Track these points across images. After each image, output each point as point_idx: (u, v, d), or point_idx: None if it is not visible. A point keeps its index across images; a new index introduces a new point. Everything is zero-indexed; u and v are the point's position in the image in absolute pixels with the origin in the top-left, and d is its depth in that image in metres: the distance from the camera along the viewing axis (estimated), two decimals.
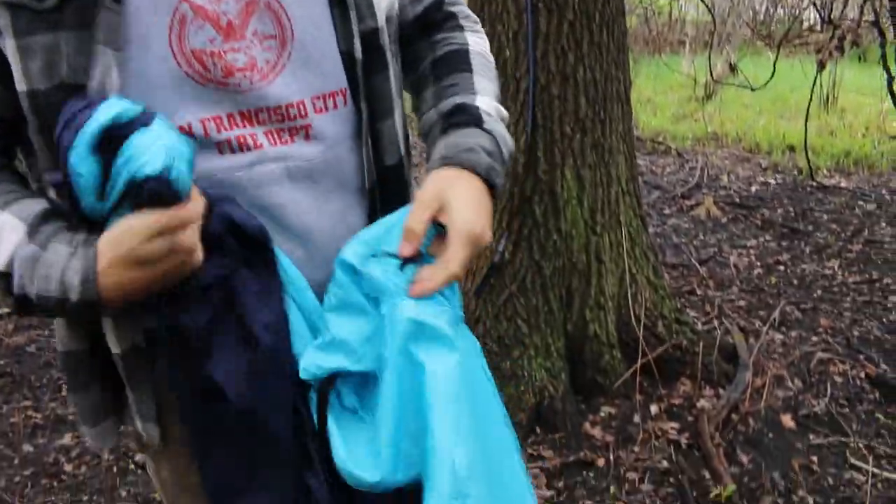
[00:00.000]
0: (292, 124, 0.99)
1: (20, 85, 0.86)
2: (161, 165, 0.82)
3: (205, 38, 0.93)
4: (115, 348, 1.00)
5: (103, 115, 0.82)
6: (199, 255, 0.89)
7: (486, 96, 1.11)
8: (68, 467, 2.60)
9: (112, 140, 0.82)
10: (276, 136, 0.98)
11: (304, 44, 0.99)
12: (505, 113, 1.12)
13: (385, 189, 1.08)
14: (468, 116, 1.06)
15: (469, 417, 0.90)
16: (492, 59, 1.21)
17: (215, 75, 0.94)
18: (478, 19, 1.24)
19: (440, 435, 0.87)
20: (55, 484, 2.52)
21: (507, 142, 1.08)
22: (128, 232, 0.85)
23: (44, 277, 0.86)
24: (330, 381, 0.96)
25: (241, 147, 0.97)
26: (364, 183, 1.07)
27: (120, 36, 0.87)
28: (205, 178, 0.94)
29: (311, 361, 0.96)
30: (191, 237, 0.87)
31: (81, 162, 0.82)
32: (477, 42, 1.20)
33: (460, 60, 1.15)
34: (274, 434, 0.95)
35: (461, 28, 1.20)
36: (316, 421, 0.97)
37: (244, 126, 0.96)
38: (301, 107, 0.99)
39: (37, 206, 0.90)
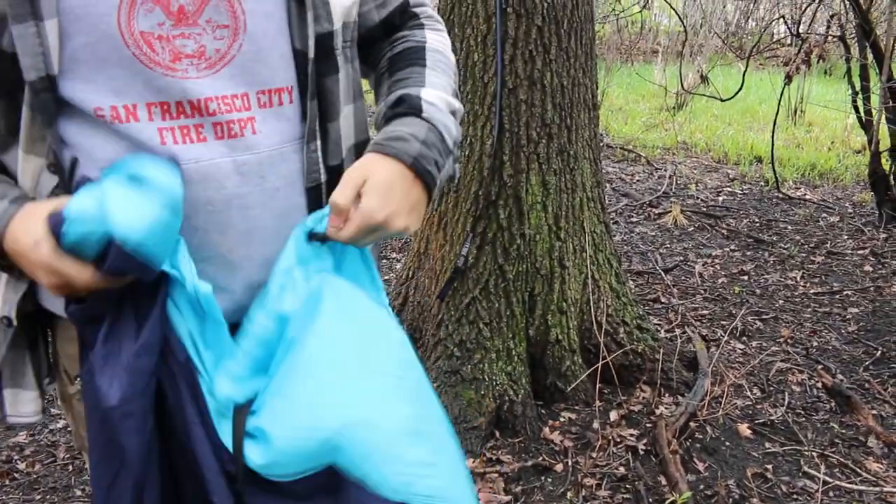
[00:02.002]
0: (239, 116, 0.99)
1: None
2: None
3: (153, 22, 0.93)
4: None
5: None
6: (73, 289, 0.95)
7: (434, 89, 1.12)
8: (22, 465, 2.55)
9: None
10: (223, 128, 0.99)
11: (255, 37, 0.99)
12: (457, 106, 1.13)
13: (330, 189, 1.08)
14: (407, 107, 1.07)
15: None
16: (451, 56, 1.22)
17: (162, 59, 0.94)
18: (441, 20, 1.26)
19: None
20: (8, 482, 2.48)
21: (452, 131, 1.09)
22: (34, 245, 0.91)
23: None
24: (248, 405, 0.99)
25: (185, 138, 0.97)
26: (307, 182, 1.08)
27: (40, 7, 0.88)
28: None
29: (229, 394, 0.99)
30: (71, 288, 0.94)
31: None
32: (436, 39, 1.21)
33: (416, 56, 1.17)
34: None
35: (421, 26, 1.22)
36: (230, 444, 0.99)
37: (192, 115, 0.97)
38: (245, 99, 1.00)
39: None
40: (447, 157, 1.07)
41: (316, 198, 1.09)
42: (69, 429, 2.63)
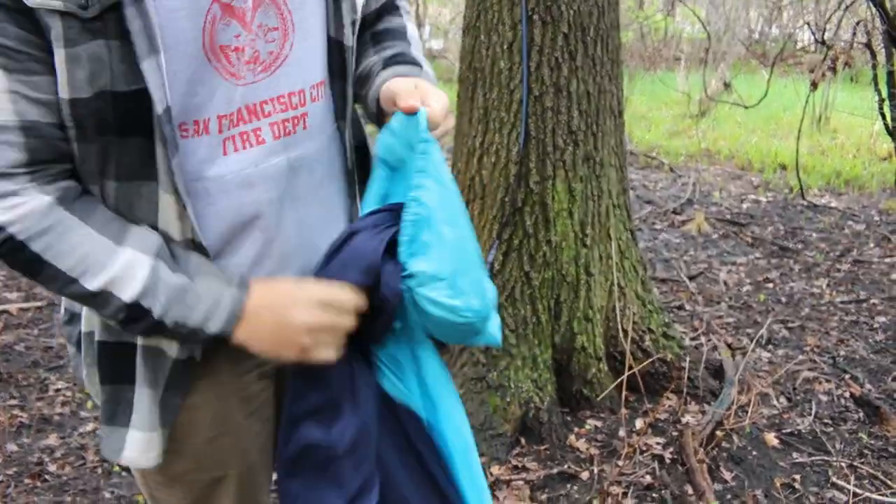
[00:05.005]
0: (294, 114, 1.04)
1: (63, 93, 0.87)
2: None
3: (231, 35, 0.96)
4: (173, 353, 1.03)
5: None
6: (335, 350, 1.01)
7: (422, 60, 1.21)
8: (52, 467, 2.58)
9: None
10: (280, 127, 1.02)
11: (303, 34, 1.03)
12: (435, 81, 1.21)
13: (361, 167, 1.16)
14: (412, 61, 1.17)
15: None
16: (421, 45, 1.31)
17: (237, 70, 0.97)
18: (409, 10, 1.35)
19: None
20: (39, 484, 2.51)
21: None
22: (300, 291, 0.98)
23: (188, 307, 0.94)
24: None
25: (245, 144, 1.00)
26: (346, 165, 1.14)
27: (157, 41, 0.88)
28: (214, 181, 0.98)
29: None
30: (347, 324, 1.01)
31: None
32: (413, 29, 1.29)
33: (400, 35, 1.24)
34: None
35: (400, 15, 1.29)
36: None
37: (250, 121, 1.00)
38: (301, 96, 1.04)
39: (151, 235, 0.95)
40: None
41: (350, 182, 1.16)
42: (98, 432, 2.66)
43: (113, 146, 0.91)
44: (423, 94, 1.04)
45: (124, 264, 0.91)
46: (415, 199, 1.01)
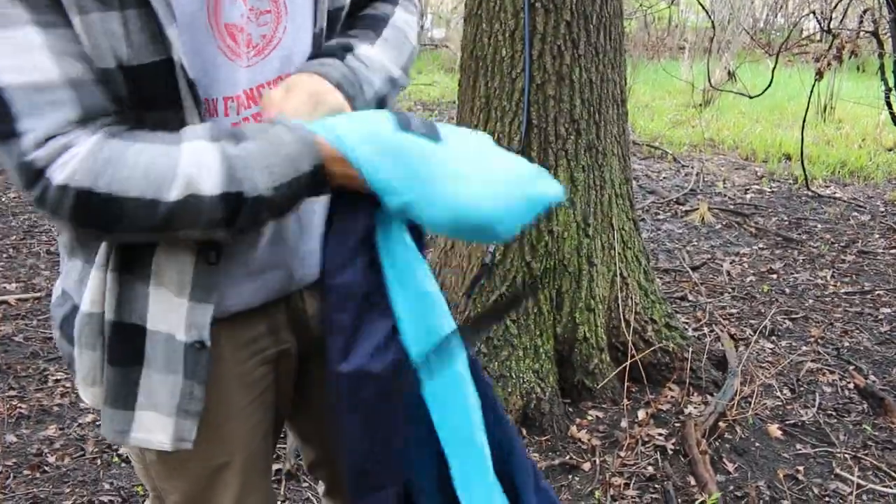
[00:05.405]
0: None
1: (99, 61, 0.85)
2: None
3: (237, 13, 0.94)
4: (182, 337, 1.00)
5: None
6: None
7: (375, 50, 1.13)
8: (52, 459, 2.57)
9: None
10: None
11: (294, 18, 1.02)
12: (396, 73, 1.15)
13: None
14: (337, 50, 1.08)
15: None
16: (412, 37, 1.24)
17: (239, 50, 0.96)
18: (417, 2, 1.28)
19: None
20: (38, 475, 2.50)
21: (373, 83, 1.10)
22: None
23: (272, 166, 0.90)
24: None
25: None
26: None
27: (173, 9, 0.87)
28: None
29: None
30: None
31: None
32: (403, 18, 1.22)
33: (372, 23, 1.17)
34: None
35: (394, 3, 1.24)
36: None
37: (249, 106, 0.99)
38: None
39: (199, 127, 0.91)
40: (361, 103, 1.07)
41: None
42: (98, 423, 2.65)
43: (141, 119, 0.90)
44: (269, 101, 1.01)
45: (191, 160, 0.87)
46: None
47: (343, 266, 0.99)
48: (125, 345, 1.00)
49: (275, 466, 2.33)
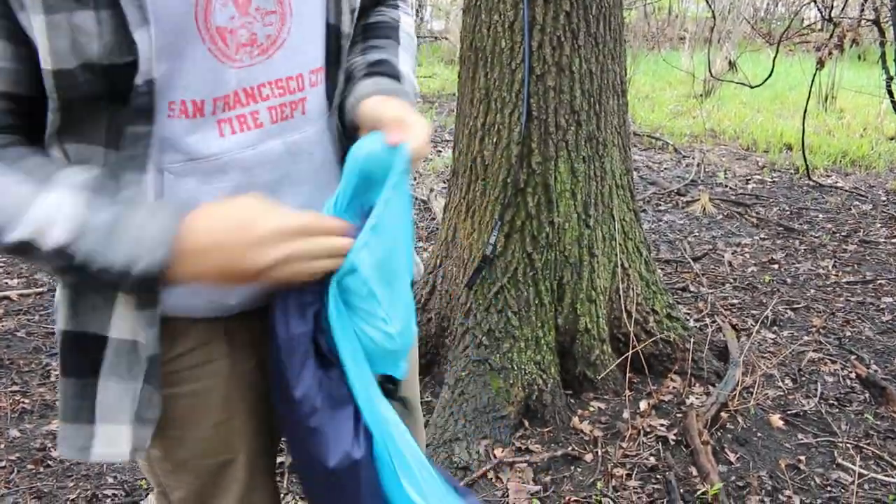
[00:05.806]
0: (292, 98, 1.03)
1: (45, 63, 0.84)
2: None
3: (227, 16, 0.94)
4: (147, 349, 0.99)
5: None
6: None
7: (406, 67, 1.19)
8: (55, 453, 2.58)
9: None
10: (278, 111, 1.02)
11: (301, 18, 1.02)
12: (416, 86, 1.22)
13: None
14: (394, 73, 1.14)
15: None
16: (415, 39, 1.29)
17: (231, 52, 0.96)
18: (408, 3, 1.32)
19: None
20: (41, 469, 2.51)
21: (410, 97, 1.15)
22: (263, 214, 0.91)
23: (113, 246, 0.85)
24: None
25: (242, 126, 0.99)
26: (340, 151, 1.13)
27: (148, 11, 0.86)
28: (207, 160, 0.96)
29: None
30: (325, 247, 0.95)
31: None
32: (407, 22, 1.27)
33: (390, 31, 1.22)
34: None
35: (396, 7, 1.27)
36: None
37: (247, 104, 0.99)
38: (300, 80, 1.04)
39: (86, 171, 0.89)
40: None
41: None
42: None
43: (105, 114, 0.89)
44: (407, 128, 1.02)
45: (45, 211, 0.84)
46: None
47: (299, 376, 1.00)
48: (81, 355, 1.00)
49: (277, 460, 2.34)
